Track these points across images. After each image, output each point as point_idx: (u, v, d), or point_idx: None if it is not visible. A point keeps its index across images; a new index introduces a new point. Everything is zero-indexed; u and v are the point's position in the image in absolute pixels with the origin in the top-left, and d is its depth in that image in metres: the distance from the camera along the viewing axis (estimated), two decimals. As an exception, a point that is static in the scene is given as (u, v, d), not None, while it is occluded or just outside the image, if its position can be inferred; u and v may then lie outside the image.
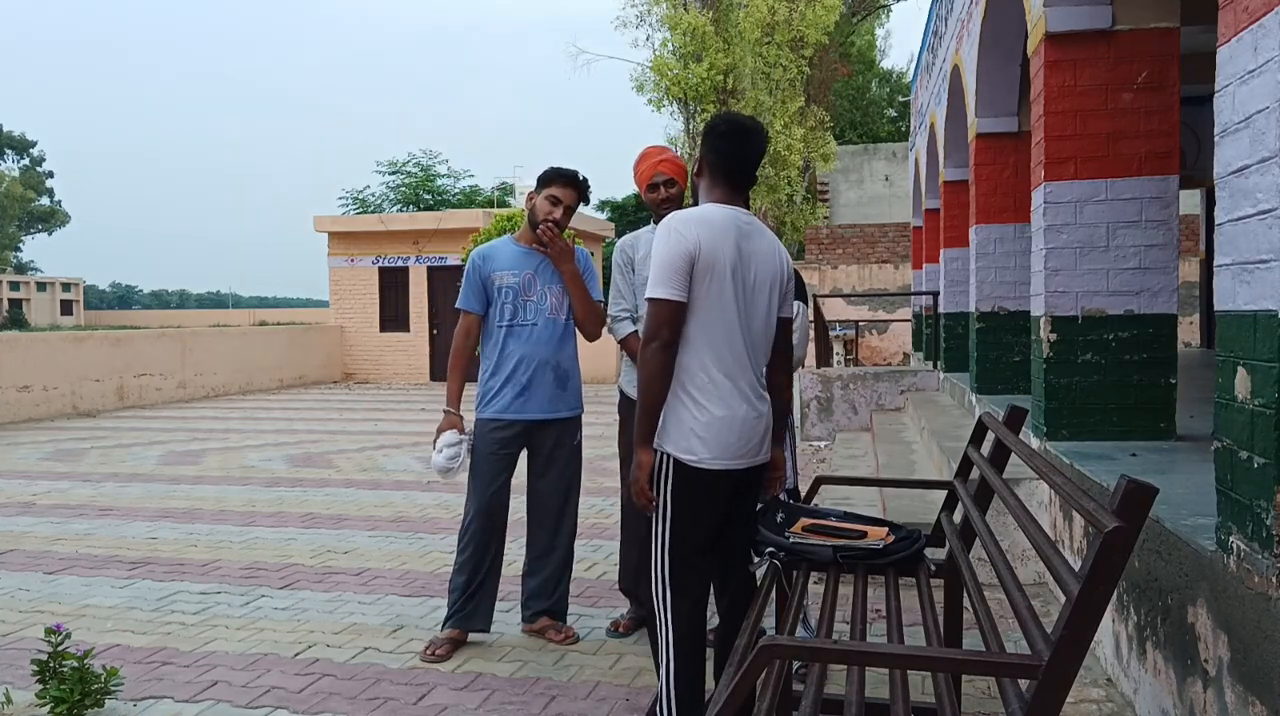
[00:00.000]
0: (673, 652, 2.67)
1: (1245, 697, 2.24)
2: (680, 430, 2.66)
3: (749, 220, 2.77)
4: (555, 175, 3.96)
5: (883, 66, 36.68)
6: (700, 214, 2.72)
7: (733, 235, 2.68)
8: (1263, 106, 2.19)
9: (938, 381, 10.03)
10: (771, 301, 2.78)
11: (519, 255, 4.00)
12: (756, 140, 2.81)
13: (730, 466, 2.67)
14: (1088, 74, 4.49)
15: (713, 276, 2.64)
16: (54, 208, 70.85)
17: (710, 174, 2.83)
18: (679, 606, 2.68)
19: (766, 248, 2.78)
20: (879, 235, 20.59)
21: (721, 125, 2.84)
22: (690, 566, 2.70)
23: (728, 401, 2.65)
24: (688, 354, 2.67)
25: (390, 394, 16.94)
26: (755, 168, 2.84)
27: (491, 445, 3.92)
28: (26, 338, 15.01)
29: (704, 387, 2.65)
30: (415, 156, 27.79)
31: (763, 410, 2.74)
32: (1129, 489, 1.63)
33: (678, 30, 21.71)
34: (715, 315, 2.65)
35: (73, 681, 3.17)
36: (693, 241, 2.63)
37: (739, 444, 2.67)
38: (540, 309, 3.94)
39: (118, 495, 7.40)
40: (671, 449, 2.67)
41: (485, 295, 3.97)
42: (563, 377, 3.99)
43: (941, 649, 2.34)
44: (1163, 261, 4.44)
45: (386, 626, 4.18)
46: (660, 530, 2.69)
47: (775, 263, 2.79)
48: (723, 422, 2.65)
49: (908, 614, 3.54)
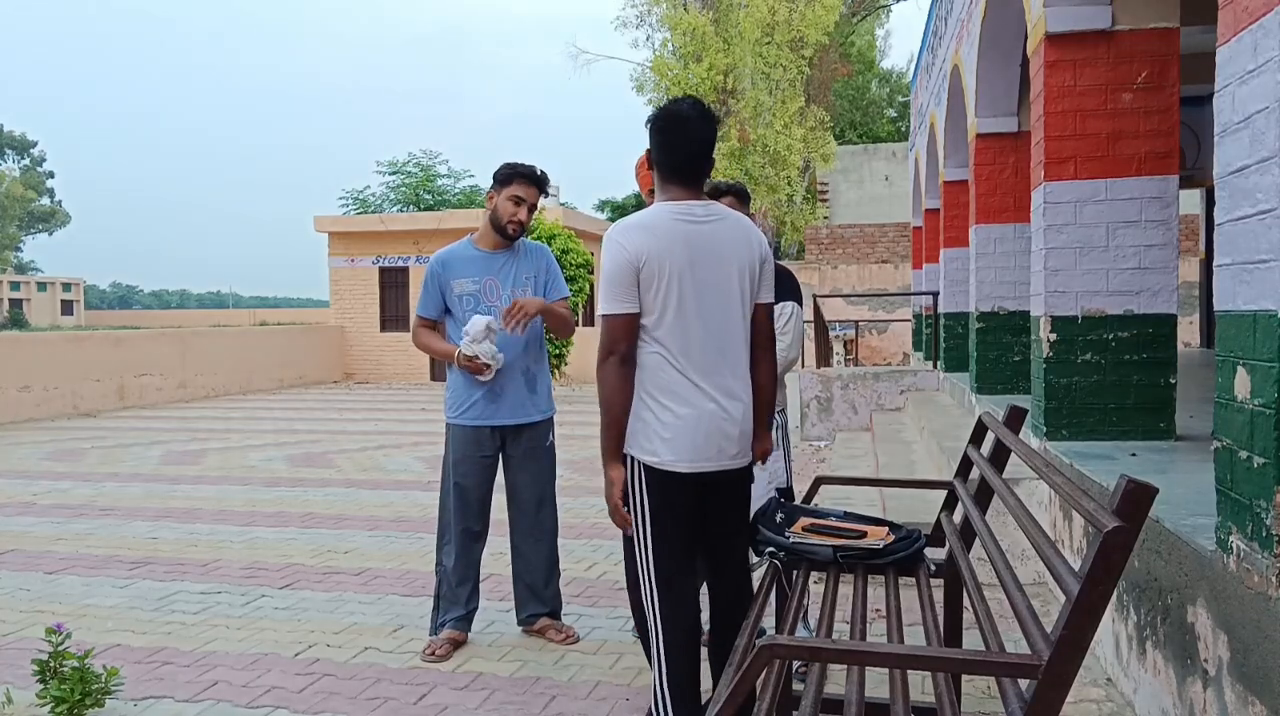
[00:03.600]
0: (665, 655, 2.63)
1: (1245, 697, 2.24)
2: (646, 433, 2.62)
3: (705, 212, 2.65)
4: (515, 173, 3.87)
5: (883, 66, 36.70)
6: (641, 220, 2.63)
7: (680, 234, 2.58)
8: (1262, 106, 2.20)
9: (938, 381, 10.03)
10: (743, 289, 2.67)
11: (479, 260, 3.92)
12: (697, 127, 2.64)
13: (699, 468, 2.60)
14: (1088, 74, 4.49)
15: (661, 282, 2.57)
16: (54, 208, 70.86)
17: (659, 170, 2.69)
18: (669, 610, 2.63)
19: (729, 234, 2.66)
20: (879, 235, 20.59)
21: (660, 117, 2.68)
22: (677, 568, 2.64)
23: (692, 401, 2.59)
24: (649, 357, 2.62)
25: (390, 394, 16.94)
26: (704, 157, 2.67)
27: (469, 449, 3.89)
28: (27, 338, 15.03)
29: (667, 389, 2.60)
30: (415, 156, 27.81)
31: (734, 410, 2.64)
32: (1129, 489, 1.63)
33: (678, 30, 21.73)
34: (672, 318, 2.58)
35: (73, 681, 3.17)
36: (634, 251, 2.56)
37: (706, 445, 2.60)
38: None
39: (118, 495, 7.40)
40: (638, 453, 2.63)
41: (443, 302, 3.91)
42: (531, 381, 3.94)
43: (941, 649, 2.34)
44: (1162, 261, 4.44)
45: (387, 626, 4.18)
46: (642, 535, 2.64)
47: (742, 248, 2.67)
48: (686, 423, 2.58)
49: (908, 614, 3.54)
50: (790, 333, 3.61)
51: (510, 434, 3.94)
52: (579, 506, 6.47)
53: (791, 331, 3.62)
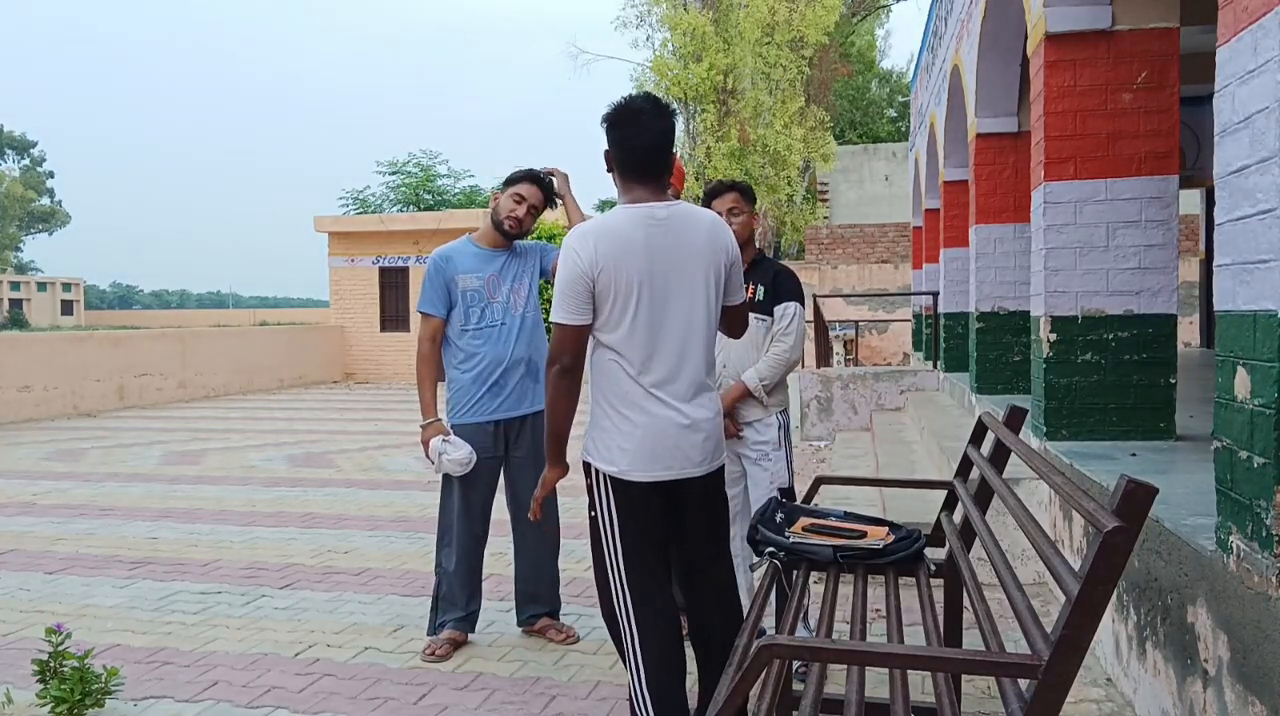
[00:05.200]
0: (641, 660, 2.58)
1: (1245, 697, 2.24)
2: (606, 443, 2.60)
3: (668, 213, 2.56)
4: (522, 175, 3.93)
5: (883, 66, 36.70)
6: (599, 225, 2.57)
7: (641, 238, 2.52)
8: (1262, 106, 2.20)
9: (938, 381, 10.03)
10: (709, 293, 2.60)
11: (480, 257, 3.94)
12: (651, 119, 2.56)
13: (658, 477, 2.57)
14: (1087, 74, 4.49)
15: (618, 292, 2.51)
16: (54, 208, 70.88)
17: (618, 170, 2.61)
18: (643, 614, 2.59)
19: (693, 234, 2.58)
20: (879, 235, 20.58)
21: (613, 114, 2.59)
22: (647, 574, 2.61)
23: (649, 410, 2.55)
24: (608, 365, 2.59)
25: (390, 394, 16.93)
26: (663, 152, 2.58)
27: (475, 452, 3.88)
28: (27, 338, 15.02)
29: (624, 398, 2.57)
30: (415, 156, 27.73)
31: (698, 417, 2.59)
32: (1129, 489, 1.63)
33: (678, 30, 21.73)
34: (629, 326, 2.54)
35: (73, 681, 3.17)
36: (588, 260, 2.50)
37: (666, 454, 2.56)
38: (506, 308, 3.90)
39: (118, 495, 7.40)
40: (599, 463, 2.61)
41: (449, 298, 3.91)
42: (534, 371, 3.96)
43: (941, 649, 2.34)
44: (1162, 261, 4.44)
45: (387, 626, 4.18)
46: (609, 543, 2.62)
47: (707, 249, 2.59)
48: (645, 432, 2.55)
49: (908, 614, 3.54)
50: (792, 333, 3.61)
51: (514, 430, 3.94)
52: (579, 506, 6.44)
53: (794, 332, 3.61)
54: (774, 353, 3.59)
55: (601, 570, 2.67)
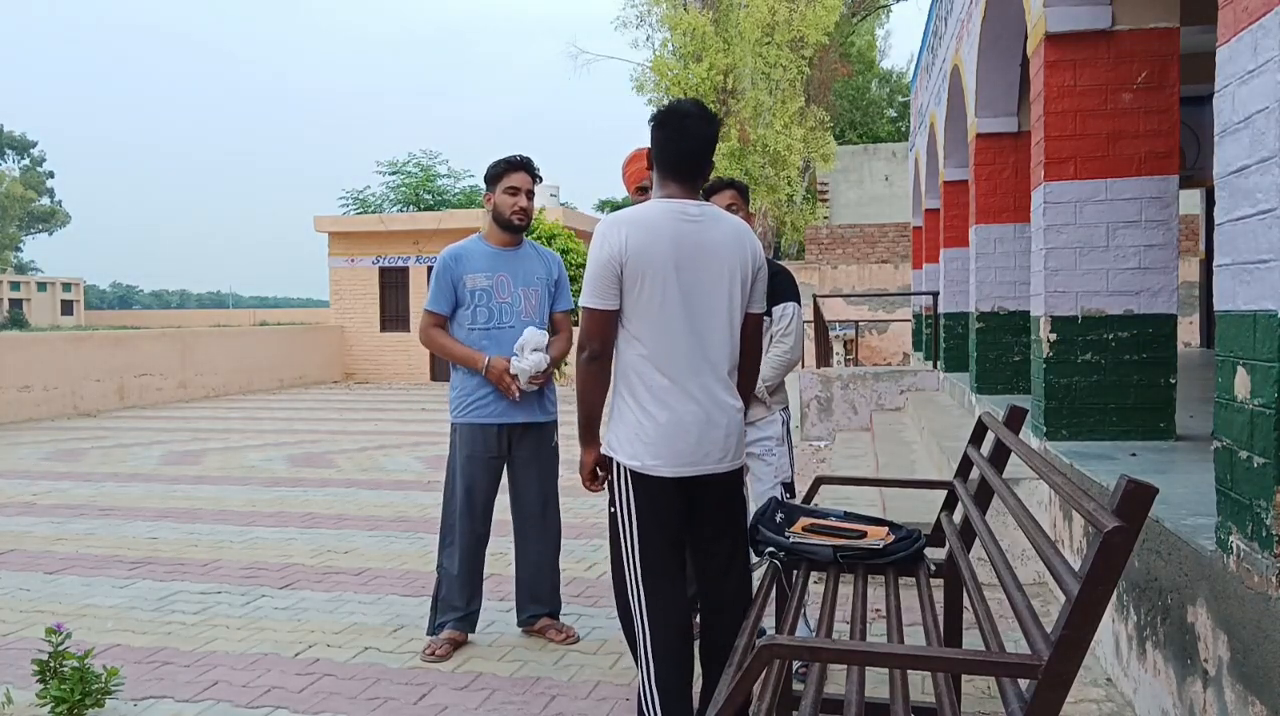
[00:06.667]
0: (652, 656, 2.60)
1: (1245, 697, 2.24)
2: (628, 436, 2.61)
3: (699, 212, 2.62)
4: (506, 167, 3.90)
5: (883, 66, 36.69)
6: (632, 214, 2.61)
7: (670, 232, 2.56)
8: (1262, 106, 2.20)
9: (938, 381, 10.03)
10: (733, 293, 2.63)
11: (490, 256, 3.93)
12: (697, 125, 2.63)
13: (681, 472, 2.58)
14: (1088, 74, 4.49)
15: (646, 278, 2.54)
16: (54, 208, 70.88)
17: (657, 167, 2.69)
18: (655, 612, 2.60)
19: (723, 238, 2.62)
20: (879, 235, 20.59)
21: (662, 114, 2.67)
22: (663, 570, 2.62)
23: (673, 405, 2.56)
24: (633, 357, 2.60)
25: (390, 394, 16.94)
26: (703, 156, 2.65)
27: (476, 449, 3.88)
28: (27, 338, 15.03)
29: (649, 391, 2.58)
30: (415, 156, 27.73)
31: (718, 415, 2.60)
32: (1129, 488, 1.63)
33: (678, 30, 21.72)
34: (656, 316, 2.56)
35: (73, 681, 3.17)
36: (618, 246, 2.54)
37: (690, 450, 2.57)
38: (515, 311, 3.89)
39: (118, 495, 7.40)
40: (621, 457, 2.62)
41: (455, 297, 3.91)
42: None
43: (941, 649, 2.34)
44: (1162, 261, 4.44)
45: (387, 626, 4.18)
46: (626, 537, 2.63)
47: (736, 253, 2.63)
48: (668, 428, 2.56)
49: (908, 613, 3.54)
50: (792, 334, 3.62)
51: (516, 434, 3.93)
52: (579, 506, 6.47)
53: (793, 333, 3.62)
54: (775, 354, 3.60)
55: (618, 564, 2.69)
